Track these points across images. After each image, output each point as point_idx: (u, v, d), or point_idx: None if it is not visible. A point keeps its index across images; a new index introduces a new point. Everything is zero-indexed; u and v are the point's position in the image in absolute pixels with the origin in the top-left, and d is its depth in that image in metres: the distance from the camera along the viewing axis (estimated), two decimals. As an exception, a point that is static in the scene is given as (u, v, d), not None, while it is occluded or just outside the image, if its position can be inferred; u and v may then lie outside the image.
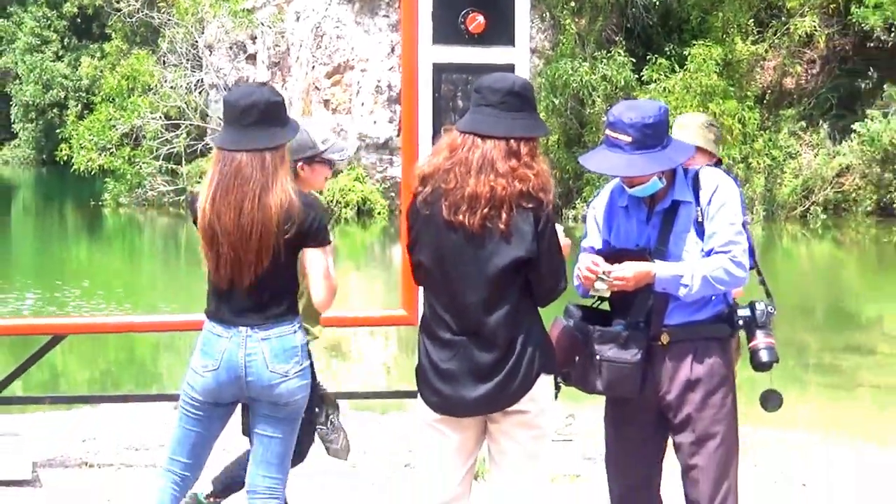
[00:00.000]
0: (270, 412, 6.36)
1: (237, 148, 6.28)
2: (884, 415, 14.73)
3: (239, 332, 6.28)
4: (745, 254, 6.34)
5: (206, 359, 6.36)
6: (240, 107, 6.34)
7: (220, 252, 6.27)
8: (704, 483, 6.45)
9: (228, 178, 6.25)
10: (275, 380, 6.26)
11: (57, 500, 9.34)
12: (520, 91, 5.98)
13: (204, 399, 6.41)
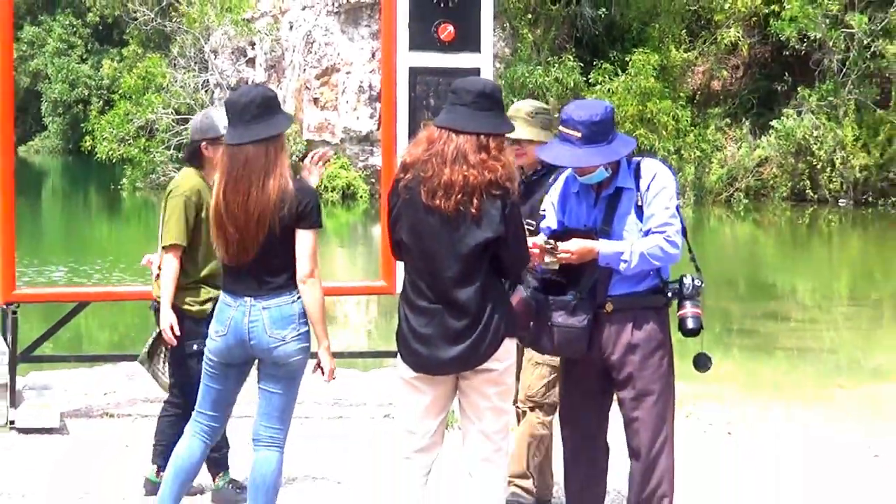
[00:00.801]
0: (272, 371, 6.37)
1: (243, 141, 6.25)
2: (796, 372, 14.75)
3: (244, 302, 6.31)
4: (678, 234, 6.35)
5: (217, 325, 6.42)
6: (240, 104, 6.32)
7: (227, 234, 6.26)
8: (644, 433, 6.47)
9: (238, 169, 6.24)
10: (273, 343, 6.28)
11: (81, 445, 9.30)
12: (490, 93, 5.99)
13: (218, 360, 6.46)
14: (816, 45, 39.02)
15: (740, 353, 15.66)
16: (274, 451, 6.42)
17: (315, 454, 8.86)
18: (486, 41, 9.47)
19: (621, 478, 6.65)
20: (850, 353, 16.20)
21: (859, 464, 9.42)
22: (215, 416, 6.60)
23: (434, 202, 5.84)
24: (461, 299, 5.87)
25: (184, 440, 6.62)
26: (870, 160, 38.86)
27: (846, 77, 38.87)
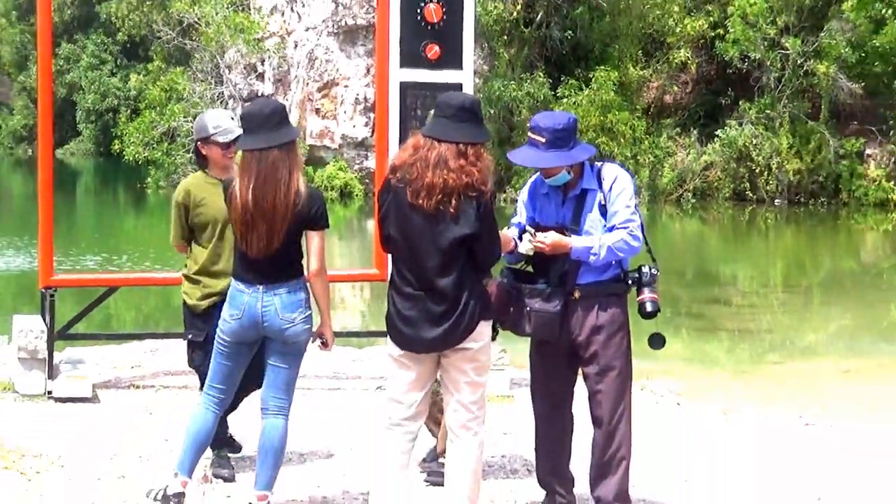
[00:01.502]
0: (281, 349, 6.39)
1: (271, 145, 6.24)
2: (737, 350, 14.80)
3: (257, 289, 6.32)
4: (639, 229, 6.38)
5: (232, 309, 6.41)
6: (263, 114, 6.32)
7: (257, 229, 6.23)
8: (606, 404, 6.48)
9: (267, 170, 6.22)
10: (284, 325, 6.31)
11: (111, 412, 9.28)
12: (469, 107, 6.02)
13: (231, 340, 6.46)
14: (756, 65, 39.05)
15: (688, 333, 15.67)
16: (280, 419, 6.45)
17: (316, 421, 8.85)
18: (468, 59, 9.45)
19: (585, 443, 6.64)
20: (784, 333, 16.24)
21: (791, 430, 9.44)
22: (224, 388, 6.60)
23: (418, 201, 5.86)
24: (441, 287, 5.89)
25: (197, 413, 6.62)
26: (802, 165, 38.93)
27: (781, 92, 38.92)
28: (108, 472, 7.58)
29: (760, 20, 38.03)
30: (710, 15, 40.51)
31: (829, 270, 25.50)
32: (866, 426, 9.68)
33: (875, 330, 16.51)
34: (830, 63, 37.63)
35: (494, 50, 39.66)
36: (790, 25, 38.45)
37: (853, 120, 40.00)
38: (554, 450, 6.70)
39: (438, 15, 9.30)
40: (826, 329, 16.95)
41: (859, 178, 38.95)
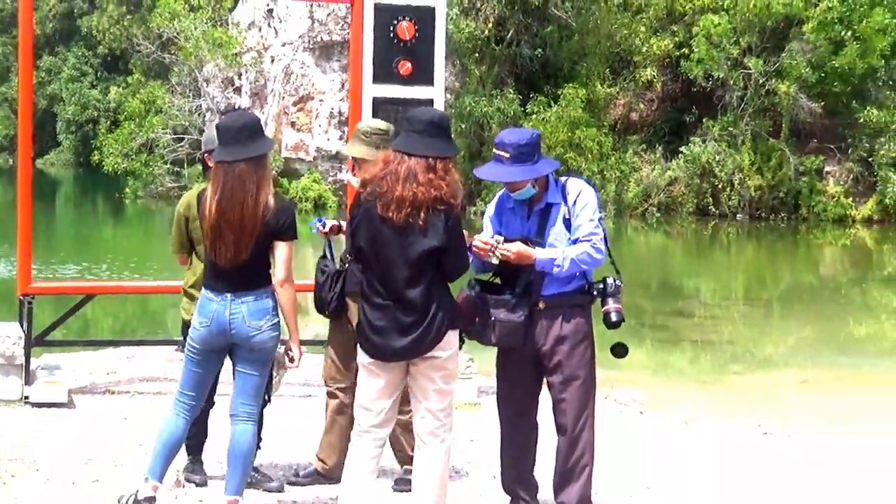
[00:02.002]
0: (248, 355, 6.36)
1: (238, 158, 6.23)
2: (699, 361, 14.83)
3: (225, 297, 6.29)
4: (602, 241, 6.39)
5: (201, 317, 6.38)
6: (235, 127, 6.31)
7: (224, 239, 6.22)
8: (570, 412, 6.48)
9: (234, 182, 6.21)
10: (252, 332, 6.28)
11: (86, 418, 9.23)
12: (438, 122, 6.02)
13: (200, 347, 6.42)
14: (719, 83, 39.23)
15: (652, 344, 15.70)
16: (249, 425, 6.41)
17: (286, 428, 8.81)
18: (439, 76, 9.48)
19: (549, 451, 6.64)
20: (745, 345, 16.28)
21: (751, 441, 9.46)
22: (194, 395, 6.55)
23: (388, 214, 5.85)
24: (410, 297, 5.89)
25: (168, 418, 6.56)
26: (763, 181, 39.14)
27: (744, 111, 39.12)
28: (82, 476, 7.53)
29: (724, 40, 38.23)
30: (675, 35, 40.69)
31: (789, 284, 25.61)
32: (824, 437, 9.71)
33: (833, 342, 16.58)
34: (791, 83, 37.86)
35: (466, 67, 39.71)
36: (753, 46, 38.67)
37: (813, 138, 40.23)
38: (519, 457, 6.69)
39: (411, 32, 9.33)
40: (786, 341, 17.01)
41: (818, 195, 39.18)
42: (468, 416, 9.38)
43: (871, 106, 38.43)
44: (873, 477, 8.29)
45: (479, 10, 39.96)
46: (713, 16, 38.77)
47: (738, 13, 38.41)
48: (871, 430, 10.02)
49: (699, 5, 39.91)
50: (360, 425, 6.14)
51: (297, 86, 41.02)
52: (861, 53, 37.67)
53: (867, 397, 11.90)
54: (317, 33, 40.45)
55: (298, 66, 41.08)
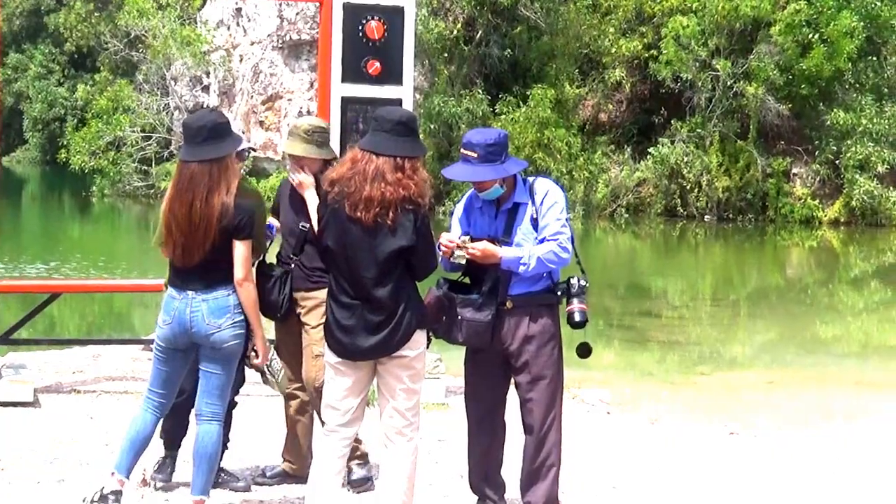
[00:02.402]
0: (211, 354, 6.34)
1: (191, 159, 6.25)
2: (666, 361, 14.87)
3: (187, 295, 6.29)
4: (568, 241, 6.41)
5: (164, 315, 6.38)
6: (193, 128, 6.32)
7: (175, 238, 6.26)
8: (537, 412, 6.51)
9: (184, 182, 6.25)
10: (211, 330, 6.27)
11: (52, 417, 9.19)
12: (406, 121, 6.03)
13: (165, 345, 6.42)
14: (688, 85, 39.33)
15: (619, 344, 15.75)
16: (214, 425, 6.39)
17: (254, 428, 8.80)
18: (408, 76, 9.48)
19: (517, 450, 6.66)
20: (712, 345, 16.35)
21: (717, 439, 9.51)
22: (164, 393, 6.54)
23: (356, 214, 5.86)
24: (378, 297, 5.90)
25: (137, 415, 6.56)
26: (731, 183, 39.26)
27: (712, 112, 39.24)
28: (47, 476, 7.50)
29: (692, 42, 38.34)
30: (644, 36, 40.76)
31: (756, 285, 25.72)
32: (789, 437, 9.76)
33: (799, 342, 16.67)
34: (759, 85, 38.00)
35: (435, 67, 39.69)
36: (721, 48, 38.80)
37: (780, 140, 40.40)
38: (486, 456, 6.71)
39: (380, 32, 9.33)
40: (752, 342, 17.09)
41: (786, 196, 39.38)
42: (436, 415, 9.39)
43: (838, 108, 38.61)
44: (838, 476, 8.35)
45: (448, 10, 39.97)
46: (682, 17, 38.86)
47: (707, 15, 38.53)
48: (836, 430, 10.09)
49: (668, 7, 40.01)
50: (327, 424, 6.15)
51: (265, 85, 40.95)
52: (828, 56, 37.86)
53: (833, 397, 11.98)
54: (286, 32, 40.39)
55: (267, 65, 41.00)
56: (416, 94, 36.63)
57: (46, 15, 69.53)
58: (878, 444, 9.53)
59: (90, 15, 62.92)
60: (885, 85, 40.50)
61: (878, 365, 14.87)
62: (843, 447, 9.35)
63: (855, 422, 10.54)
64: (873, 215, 38.51)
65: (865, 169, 38.14)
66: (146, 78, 44.09)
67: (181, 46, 41.35)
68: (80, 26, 63.44)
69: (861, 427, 10.27)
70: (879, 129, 38.14)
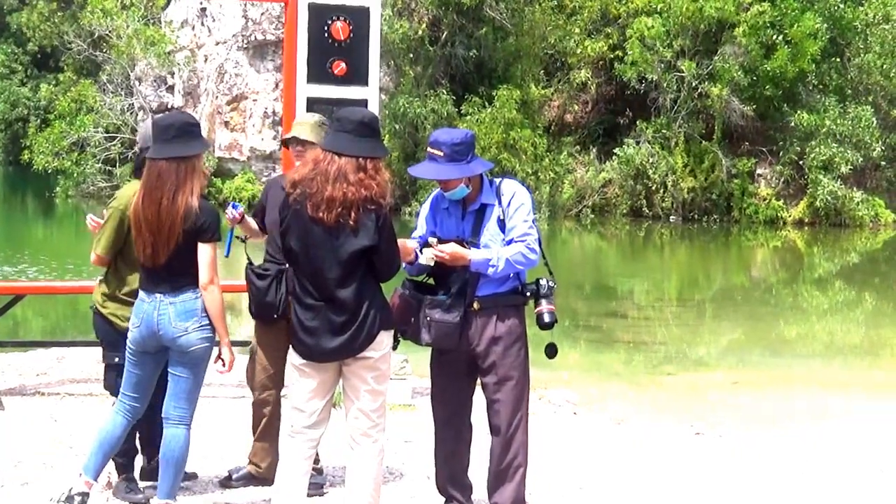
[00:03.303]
0: (178, 358, 6.33)
1: (159, 157, 6.24)
2: (632, 361, 14.91)
3: (155, 298, 6.28)
4: (536, 242, 6.42)
5: (134, 318, 6.38)
6: (162, 126, 6.31)
7: (143, 238, 6.25)
8: (503, 413, 6.51)
9: (152, 180, 6.24)
10: (177, 333, 6.26)
11: (15, 420, 9.13)
12: (369, 122, 6.03)
13: (136, 348, 6.42)
14: (653, 86, 39.51)
15: (586, 345, 15.77)
16: (181, 428, 6.39)
17: (221, 430, 8.77)
18: (373, 76, 9.46)
19: (483, 451, 6.66)
20: (678, 345, 16.40)
21: (682, 439, 9.54)
22: (136, 397, 6.53)
23: (318, 214, 5.85)
24: (342, 298, 5.89)
25: (108, 417, 6.56)
26: (696, 183, 39.45)
27: (677, 113, 39.41)
28: (11, 478, 7.45)
29: (657, 43, 38.49)
30: (609, 37, 40.89)
31: (721, 285, 25.83)
32: (754, 437, 9.81)
33: (764, 343, 16.75)
34: (723, 86, 38.19)
35: (400, 67, 39.68)
36: (686, 49, 38.98)
37: (745, 141, 40.63)
38: (453, 457, 6.71)
39: (346, 33, 9.31)
40: (717, 342, 17.16)
41: (750, 197, 39.59)
42: (402, 417, 9.38)
43: (802, 110, 38.89)
44: (804, 477, 8.39)
45: (413, 10, 39.95)
46: (647, 18, 39.01)
47: (672, 16, 38.69)
48: (802, 431, 10.13)
49: (633, 8, 40.17)
50: (292, 426, 6.13)
51: (230, 85, 40.83)
52: (792, 57, 38.11)
53: (798, 398, 12.04)
54: (251, 32, 40.28)
55: (232, 65, 40.89)
56: (382, 94, 36.62)
57: (8, 14, 69.04)
58: (843, 444, 9.58)
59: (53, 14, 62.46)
60: (849, 86, 40.78)
61: (843, 365, 14.97)
62: (809, 448, 9.39)
63: (821, 422, 10.59)
64: (837, 216, 38.78)
65: (829, 170, 38.40)
66: (110, 78, 43.86)
67: (145, 46, 41.17)
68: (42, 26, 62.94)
69: (827, 427, 10.33)
70: (843, 130, 38.40)
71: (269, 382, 7.30)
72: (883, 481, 8.31)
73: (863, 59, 40.46)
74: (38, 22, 62.85)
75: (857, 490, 8.07)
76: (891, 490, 8.10)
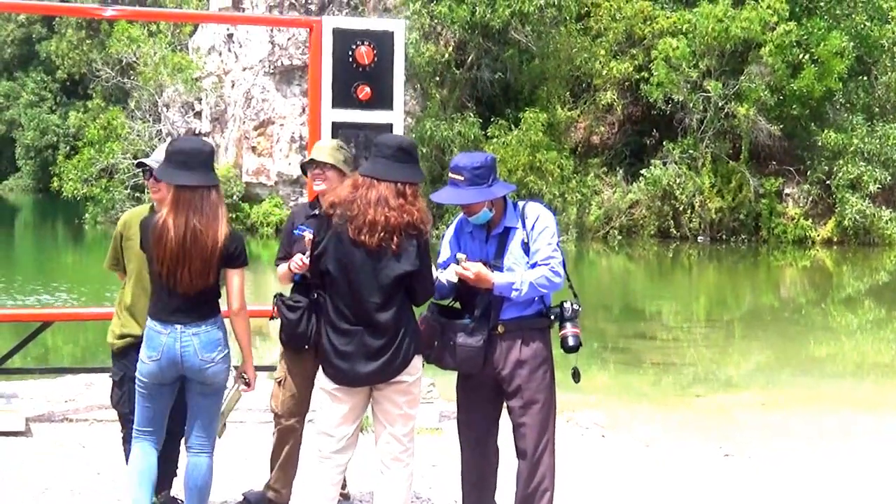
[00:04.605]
0: (201, 389, 6.24)
1: (190, 184, 6.09)
2: (661, 383, 14.85)
3: (175, 329, 6.13)
4: (560, 265, 6.38)
5: (150, 350, 6.19)
6: (188, 152, 6.18)
7: (168, 267, 6.07)
8: (530, 437, 6.47)
9: (193, 207, 6.08)
10: (205, 365, 6.16)
11: (44, 446, 9.15)
12: (407, 148, 6.06)
13: (149, 381, 6.25)
14: (679, 106, 39.46)
15: (614, 366, 15.73)
16: (204, 457, 6.33)
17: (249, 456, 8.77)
18: (398, 100, 9.47)
19: (510, 475, 6.64)
20: (707, 366, 16.34)
21: (712, 461, 9.50)
22: (152, 430, 6.38)
23: (361, 238, 5.86)
24: (381, 322, 5.89)
25: (135, 454, 6.37)
26: (723, 203, 39.35)
27: (704, 133, 39.34)
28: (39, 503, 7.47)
29: (683, 64, 38.45)
30: (634, 58, 40.87)
31: (750, 306, 25.73)
32: (783, 457, 9.75)
33: (794, 363, 16.67)
34: (750, 105, 38.12)
35: (426, 90, 39.76)
36: (711, 69, 38.91)
37: (772, 160, 40.52)
38: (480, 482, 6.67)
39: (370, 57, 9.33)
40: (746, 362, 17.09)
41: (778, 217, 39.47)
42: (430, 440, 9.36)
43: (829, 129, 38.80)
44: (834, 497, 8.33)
45: (439, 34, 40.03)
46: (672, 39, 38.99)
47: (697, 36, 38.65)
48: (832, 451, 10.07)
49: (658, 29, 40.15)
50: (321, 451, 6.12)
51: (257, 110, 40.96)
52: (819, 76, 38.01)
53: (828, 418, 11.96)
54: (277, 58, 40.43)
55: (259, 90, 41.03)
56: (409, 118, 36.75)
57: (38, 43, 69.68)
58: (873, 463, 9.51)
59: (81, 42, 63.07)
60: (876, 104, 40.66)
61: (873, 384, 14.87)
62: (838, 467, 9.33)
63: (850, 442, 10.52)
64: (865, 234, 38.62)
65: (857, 188, 38.30)
66: (138, 105, 44.13)
67: (172, 73, 41.43)
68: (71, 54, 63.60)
69: (857, 447, 10.26)
70: (871, 148, 38.30)
71: (296, 409, 7.28)
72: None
73: (890, 77, 40.39)
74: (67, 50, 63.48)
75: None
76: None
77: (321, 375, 6.11)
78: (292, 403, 7.29)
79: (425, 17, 38.98)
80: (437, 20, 39.14)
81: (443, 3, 38.35)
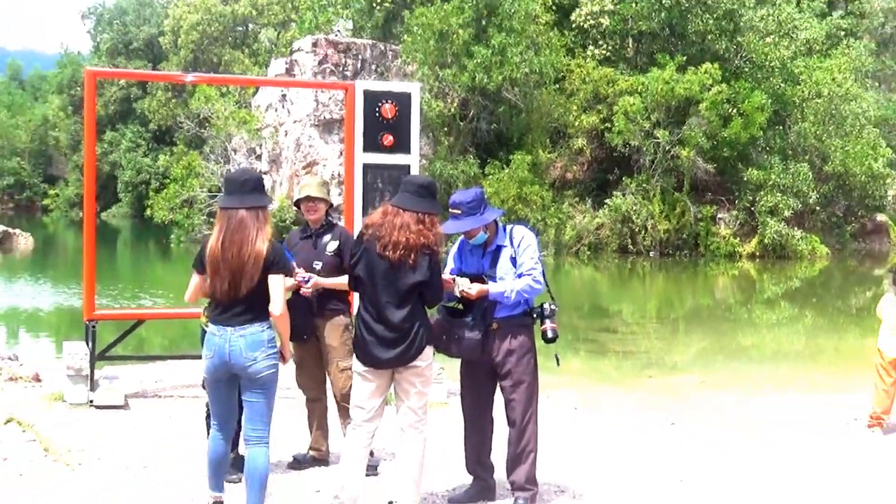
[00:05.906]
0: (249, 384, 5.85)
1: (240, 206, 5.88)
2: (622, 367, 14.80)
3: (226, 330, 5.81)
4: (541, 275, 6.43)
5: (207, 350, 5.91)
6: (239, 181, 5.95)
7: (223, 277, 5.80)
8: (518, 409, 6.51)
9: (234, 226, 5.84)
10: (247, 363, 5.78)
11: (139, 417, 9.18)
12: (427, 186, 6.11)
13: (209, 377, 5.95)
14: (635, 150, 39.43)
15: (585, 354, 15.69)
16: (262, 447, 5.87)
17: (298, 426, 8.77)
18: (414, 146, 9.51)
19: (503, 440, 6.64)
20: (658, 354, 16.29)
21: (660, 429, 9.48)
22: (222, 416, 6.07)
23: (385, 253, 5.91)
24: (397, 319, 5.92)
25: (210, 442, 6.12)
26: (670, 226, 39.30)
27: (654, 171, 39.31)
28: (134, 462, 7.49)
29: (638, 116, 38.48)
30: (600, 112, 40.88)
31: (691, 306, 25.67)
32: (716, 424, 9.74)
33: (726, 350, 16.62)
34: (691, 149, 38.14)
35: (437, 138, 39.79)
36: (660, 120, 38.90)
37: (708, 191, 40.52)
38: (478, 444, 6.70)
39: (393, 112, 9.36)
40: (689, 350, 17.04)
41: (713, 236, 39.44)
42: (439, 412, 9.35)
43: (753, 167, 38.95)
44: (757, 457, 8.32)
45: (447, 94, 40.08)
46: (629, 97, 39.00)
47: (649, 95, 38.66)
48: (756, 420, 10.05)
49: (619, 89, 40.14)
50: (354, 421, 6.13)
51: (305, 154, 41.01)
52: (744, 126, 38.06)
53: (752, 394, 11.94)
54: (320, 112, 40.48)
55: (306, 138, 41.08)
56: (423, 160, 36.73)
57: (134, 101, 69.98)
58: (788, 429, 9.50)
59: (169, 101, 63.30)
60: (789, 148, 40.79)
61: (788, 367, 14.82)
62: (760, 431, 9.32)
63: (771, 413, 10.50)
64: (782, 250, 38.65)
65: (775, 213, 38.34)
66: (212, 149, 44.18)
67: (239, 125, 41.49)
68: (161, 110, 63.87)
69: (774, 416, 10.24)
70: (785, 182, 38.42)
71: (316, 386, 7.42)
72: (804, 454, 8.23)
73: (800, 127, 40.44)
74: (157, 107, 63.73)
75: (801, 466, 8.00)
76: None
77: (354, 360, 6.11)
78: (312, 382, 7.41)
79: (435, 81, 39.04)
80: (445, 83, 39.19)
81: (449, 71, 38.41)
